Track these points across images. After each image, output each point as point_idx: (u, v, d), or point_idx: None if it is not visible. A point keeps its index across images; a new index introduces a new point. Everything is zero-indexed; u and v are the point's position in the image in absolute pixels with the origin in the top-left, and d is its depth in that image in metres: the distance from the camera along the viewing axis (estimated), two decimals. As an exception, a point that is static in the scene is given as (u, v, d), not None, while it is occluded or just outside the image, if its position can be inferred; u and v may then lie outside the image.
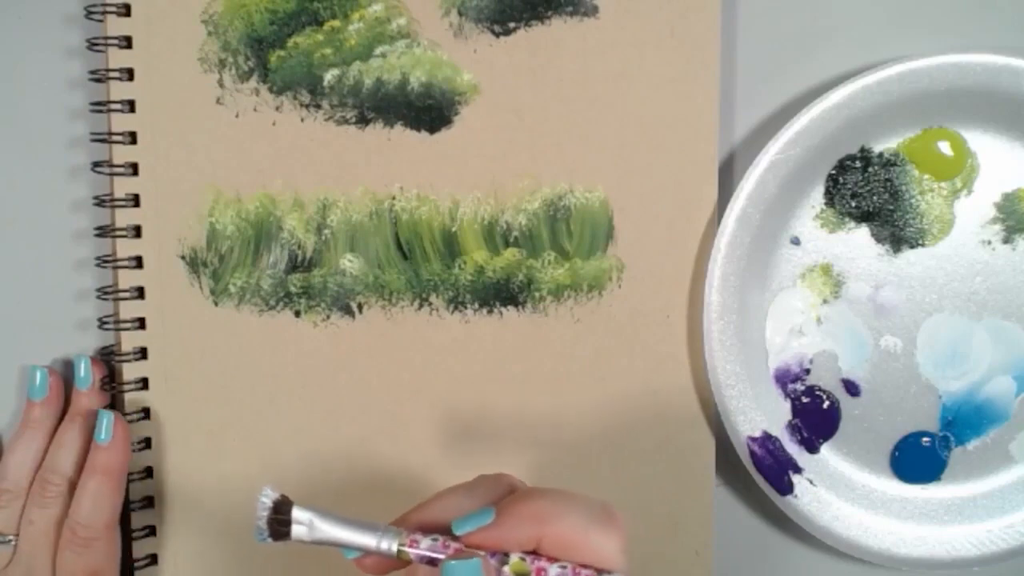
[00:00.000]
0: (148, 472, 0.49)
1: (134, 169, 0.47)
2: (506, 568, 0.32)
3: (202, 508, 0.49)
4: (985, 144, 0.48)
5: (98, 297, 0.48)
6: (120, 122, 0.47)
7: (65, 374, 0.49)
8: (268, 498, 0.33)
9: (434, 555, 0.32)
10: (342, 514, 0.33)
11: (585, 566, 0.32)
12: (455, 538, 0.32)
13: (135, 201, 0.47)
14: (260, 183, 0.48)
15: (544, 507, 0.32)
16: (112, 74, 0.47)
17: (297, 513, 0.33)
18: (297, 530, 0.33)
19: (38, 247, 0.49)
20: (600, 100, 0.47)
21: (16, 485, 0.46)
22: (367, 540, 0.32)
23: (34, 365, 0.48)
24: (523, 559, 0.32)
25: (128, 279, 0.48)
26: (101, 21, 0.47)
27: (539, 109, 0.47)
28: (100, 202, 0.47)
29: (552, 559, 0.32)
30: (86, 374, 0.48)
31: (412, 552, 0.32)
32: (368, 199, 0.48)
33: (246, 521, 0.49)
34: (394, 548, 0.32)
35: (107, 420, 0.46)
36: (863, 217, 0.49)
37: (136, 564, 0.49)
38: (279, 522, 0.33)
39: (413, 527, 0.33)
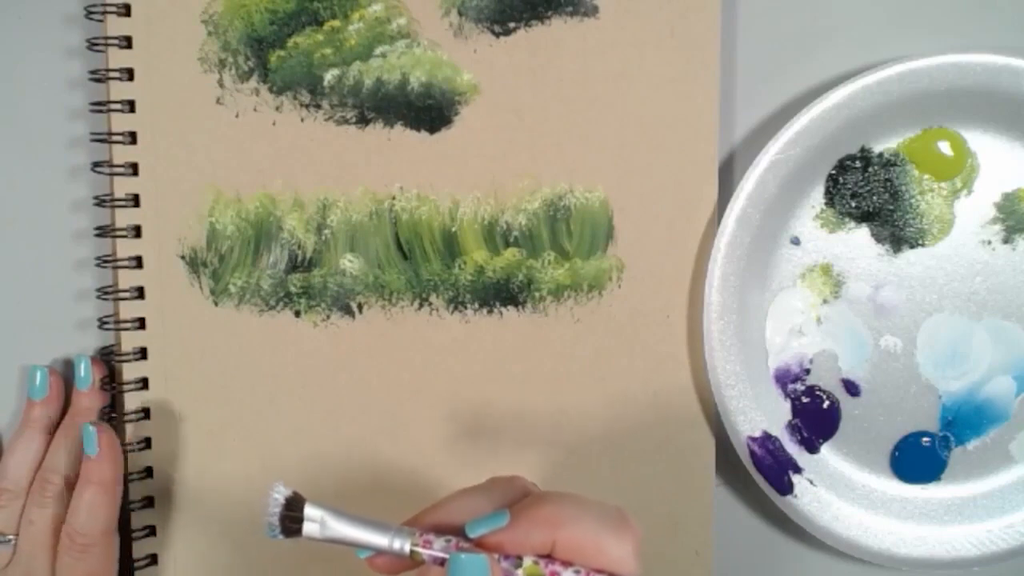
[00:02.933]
0: (148, 472, 0.49)
1: (134, 169, 0.47)
2: (519, 571, 0.32)
3: (202, 508, 0.49)
4: (985, 144, 0.48)
5: (98, 297, 0.48)
6: (120, 122, 0.47)
7: (65, 374, 0.49)
8: (280, 495, 0.33)
9: (447, 556, 0.32)
10: (354, 512, 0.33)
11: (599, 571, 0.32)
12: (468, 540, 0.32)
13: (135, 201, 0.47)
14: (260, 183, 0.48)
15: (559, 511, 0.32)
16: (112, 74, 0.47)
17: (310, 510, 0.33)
18: (309, 527, 0.33)
19: (38, 247, 0.49)
20: (600, 100, 0.47)
21: (16, 485, 0.46)
22: (380, 539, 0.32)
23: (34, 365, 0.48)
24: (536, 563, 0.32)
25: (128, 279, 0.48)
26: (101, 21, 0.47)
27: (539, 109, 0.47)
28: (100, 202, 0.47)
29: (566, 563, 0.32)
30: (86, 374, 0.48)
31: (425, 552, 0.32)
32: (368, 199, 0.48)
33: (247, 521, 0.49)
34: (407, 548, 0.32)
35: (92, 434, 0.46)
36: (863, 217, 0.48)
37: (136, 564, 0.49)
38: (290, 519, 0.33)
39: (426, 528, 0.33)
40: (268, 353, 0.48)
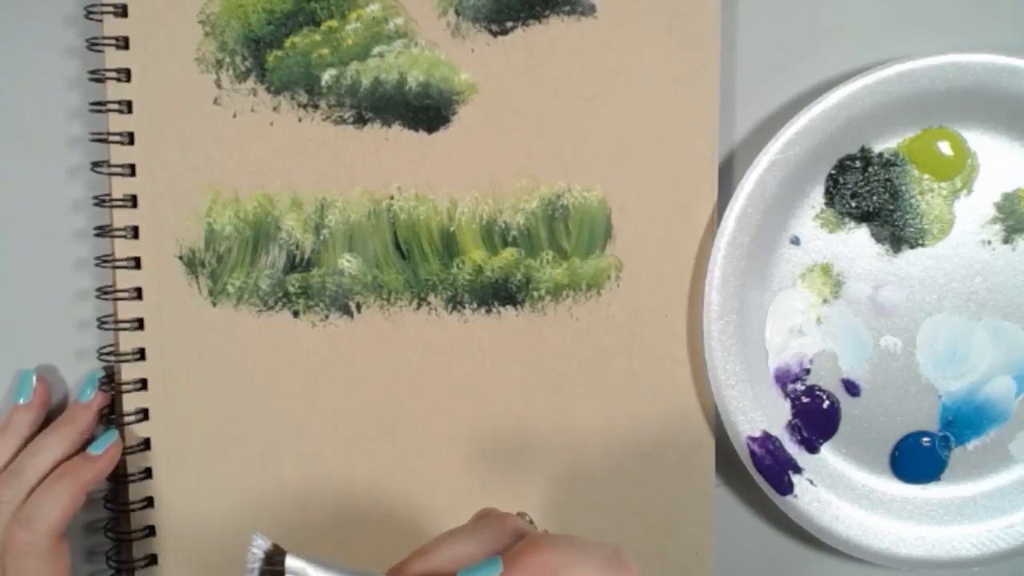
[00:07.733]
0: (148, 473, 0.49)
1: (132, 170, 0.47)
2: None
3: (201, 508, 0.49)
4: (985, 144, 0.48)
5: (97, 297, 0.48)
6: (118, 123, 0.47)
7: (53, 381, 0.49)
8: (259, 548, 0.31)
9: None
10: (337, 562, 0.32)
11: None
12: None
13: (133, 202, 0.47)
14: (258, 183, 0.48)
15: (555, 558, 0.31)
16: (109, 74, 0.47)
17: (291, 563, 0.31)
18: None
19: (38, 247, 0.49)
20: (598, 99, 0.47)
21: None
22: None
23: (27, 369, 0.48)
24: None
25: (126, 279, 0.48)
26: (100, 21, 0.47)
27: (537, 108, 0.47)
28: (99, 202, 0.47)
29: None
30: (92, 390, 0.48)
31: None
32: (366, 199, 0.48)
33: (245, 520, 0.49)
34: None
35: (109, 439, 0.47)
36: (863, 217, 0.48)
37: (136, 564, 0.49)
38: (272, 573, 0.31)
39: None
40: (266, 353, 0.49)
